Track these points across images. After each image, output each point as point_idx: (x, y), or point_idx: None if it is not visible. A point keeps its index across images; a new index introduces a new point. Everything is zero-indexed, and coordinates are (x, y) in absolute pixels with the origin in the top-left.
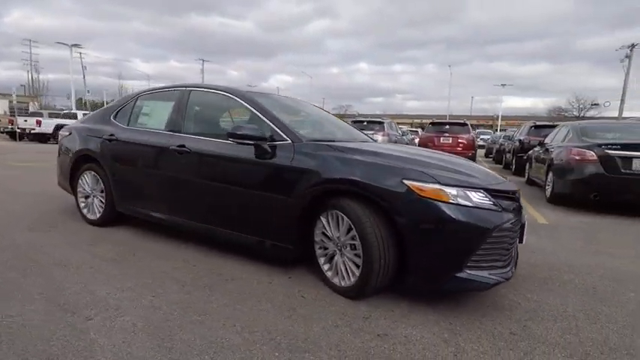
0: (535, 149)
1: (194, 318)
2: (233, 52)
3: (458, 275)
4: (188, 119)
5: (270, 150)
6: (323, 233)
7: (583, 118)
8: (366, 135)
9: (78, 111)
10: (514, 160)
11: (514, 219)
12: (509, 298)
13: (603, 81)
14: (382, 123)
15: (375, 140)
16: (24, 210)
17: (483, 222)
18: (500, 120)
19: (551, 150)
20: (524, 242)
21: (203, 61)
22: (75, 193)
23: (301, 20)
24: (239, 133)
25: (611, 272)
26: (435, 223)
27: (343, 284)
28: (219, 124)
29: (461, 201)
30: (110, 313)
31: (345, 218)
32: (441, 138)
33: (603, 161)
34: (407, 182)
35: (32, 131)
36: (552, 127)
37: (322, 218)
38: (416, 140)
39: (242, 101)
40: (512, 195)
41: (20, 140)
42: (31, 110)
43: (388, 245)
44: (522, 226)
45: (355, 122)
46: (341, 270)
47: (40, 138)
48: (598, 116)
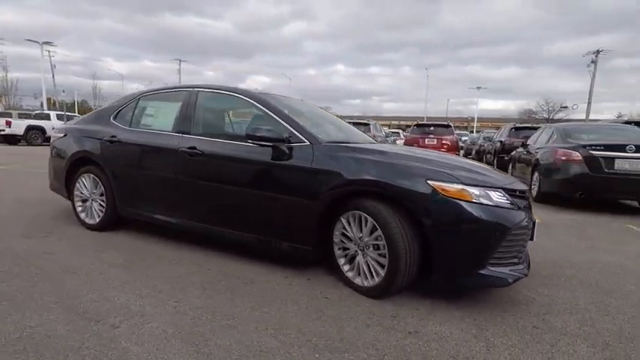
0: (518, 150)
1: (224, 322)
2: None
3: (481, 272)
4: (197, 120)
5: (287, 151)
6: (343, 234)
7: (552, 120)
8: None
9: (51, 111)
10: (495, 161)
11: (527, 217)
12: (523, 294)
13: (571, 84)
14: (368, 125)
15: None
16: (11, 215)
17: (504, 220)
18: (475, 122)
19: (535, 151)
20: (534, 239)
21: (180, 62)
22: (71, 197)
23: (279, 21)
24: (258, 135)
25: (608, 267)
26: (460, 223)
27: (366, 284)
28: (229, 126)
29: (483, 200)
30: (136, 320)
31: (370, 219)
32: (426, 139)
33: (588, 161)
34: (431, 183)
35: (1, 132)
36: (532, 129)
37: (342, 219)
38: (398, 141)
39: (254, 102)
40: (524, 194)
41: None
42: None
43: (413, 245)
44: (534, 224)
45: None
46: (363, 270)
47: (10, 139)
48: (566, 118)
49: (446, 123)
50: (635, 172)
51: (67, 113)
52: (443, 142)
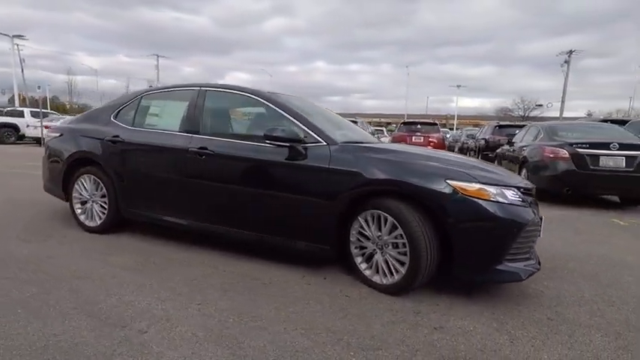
0: (504, 147)
1: (252, 324)
2: (188, 48)
3: (498, 268)
4: (205, 120)
5: (303, 152)
6: (360, 232)
7: (528, 118)
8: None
9: (25, 108)
10: (479, 158)
11: (537, 214)
12: (532, 287)
13: (544, 83)
14: (356, 122)
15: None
16: (4, 218)
17: (519, 217)
18: (456, 119)
19: (522, 148)
20: (541, 236)
21: (158, 57)
22: (70, 199)
23: (259, 17)
24: (274, 135)
25: (603, 259)
26: (479, 221)
27: (385, 282)
28: (239, 126)
29: (499, 199)
30: (163, 325)
31: (389, 218)
32: (413, 137)
33: (575, 159)
34: (451, 182)
35: None
36: (515, 127)
37: (360, 218)
38: (382, 139)
39: (266, 102)
40: (532, 192)
41: None
42: None
43: (433, 243)
44: (541, 220)
45: None
46: (382, 268)
47: None
48: (541, 116)
49: (432, 121)
50: (618, 169)
51: (44, 110)
52: (430, 140)
